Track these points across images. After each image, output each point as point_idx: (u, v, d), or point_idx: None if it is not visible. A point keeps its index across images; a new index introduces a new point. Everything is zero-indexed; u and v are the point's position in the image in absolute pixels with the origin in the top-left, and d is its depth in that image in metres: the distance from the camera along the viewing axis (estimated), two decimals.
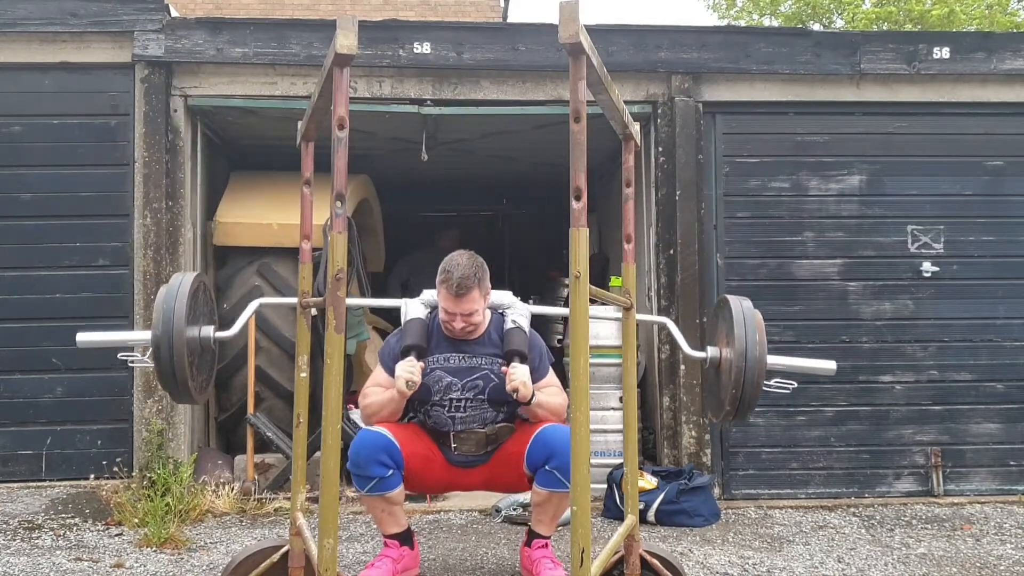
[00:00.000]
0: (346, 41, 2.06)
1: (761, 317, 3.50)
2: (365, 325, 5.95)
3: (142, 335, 3.41)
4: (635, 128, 2.99)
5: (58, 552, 4.03)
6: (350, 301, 4.25)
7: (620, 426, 4.86)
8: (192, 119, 5.43)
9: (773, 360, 3.53)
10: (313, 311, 3.17)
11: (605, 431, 5.10)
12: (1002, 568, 3.93)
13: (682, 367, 5.27)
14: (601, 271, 7.15)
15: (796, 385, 3.66)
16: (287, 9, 10.21)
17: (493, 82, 5.40)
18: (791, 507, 5.10)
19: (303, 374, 2.93)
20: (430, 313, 3.49)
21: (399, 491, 3.36)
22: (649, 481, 4.71)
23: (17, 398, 5.12)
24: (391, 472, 3.28)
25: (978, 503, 5.18)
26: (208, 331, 3.35)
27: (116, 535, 4.34)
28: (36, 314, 5.14)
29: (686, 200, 5.35)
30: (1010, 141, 5.54)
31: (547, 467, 3.27)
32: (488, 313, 3.47)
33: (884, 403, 5.37)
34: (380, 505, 3.37)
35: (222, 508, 4.77)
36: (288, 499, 4.58)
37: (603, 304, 5.03)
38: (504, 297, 3.57)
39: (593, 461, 4.69)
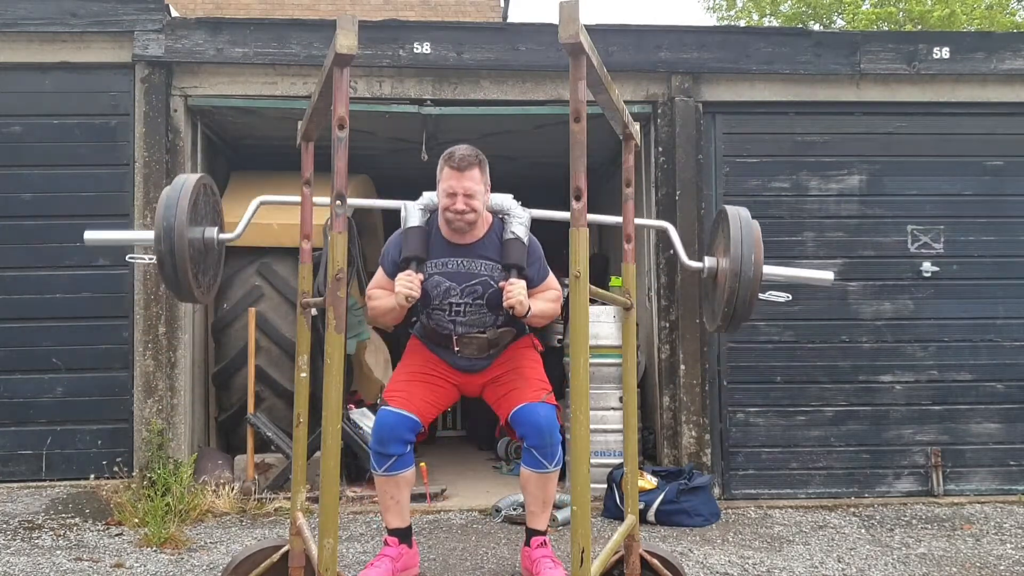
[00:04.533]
0: (346, 41, 2.06)
1: (759, 226, 3.51)
2: (365, 325, 5.95)
3: (146, 234, 3.48)
4: (635, 128, 2.99)
5: (58, 552, 4.03)
6: (354, 201, 4.24)
7: (620, 426, 4.86)
8: (192, 119, 5.43)
9: (769, 269, 3.57)
10: (313, 311, 3.17)
11: (605, 431, 5.10)
12: (1002, 568, 3.93)
13: (682, 367, 5.27)
14: (601, 271, 7.15)
15: (790, 297, 3.68)
16: (287, 9, 10.21)
17: (493, 82, 5.41)
18: (791, 507, 5.10)
19: (303, 374, 2.93)
20: (428, 219, 3.49)
21: (411, 472, 3.45)
22: (649, 481, 4.71)
23: (17, 398, 5.13)
24: (409, 449, 3.38)
25: (978, 503, 5.18)
26: (211, 232, 3.37)
27: (116, 535, 4.34)
28: (36, 314, 5.15)
29: (686, 200, 5.35)
30: (1010, 141, 5.54)
31: (526, 445, 3.37)
32: (489, 216, 3.47)
33: (884, 403, 5.38)
34: (391, 490, 3.42)
35: (222, 508, 4.77)
36: (288, 499, 4.58)
37: (602, 304, 5.06)
38: (504, 200, 3.55)
39: (593, 461, 4.70)
